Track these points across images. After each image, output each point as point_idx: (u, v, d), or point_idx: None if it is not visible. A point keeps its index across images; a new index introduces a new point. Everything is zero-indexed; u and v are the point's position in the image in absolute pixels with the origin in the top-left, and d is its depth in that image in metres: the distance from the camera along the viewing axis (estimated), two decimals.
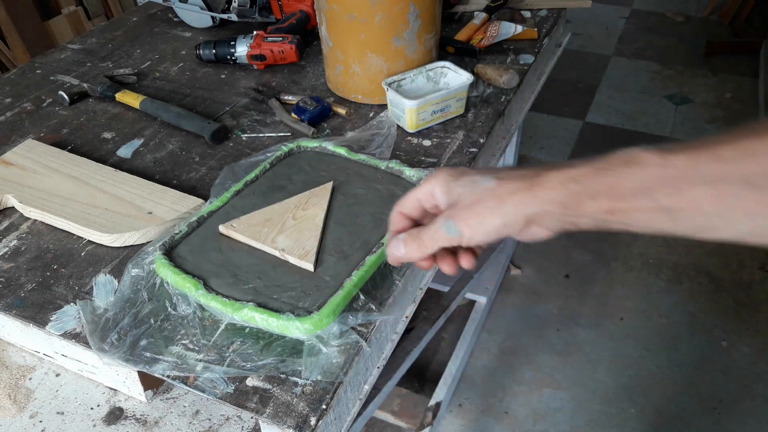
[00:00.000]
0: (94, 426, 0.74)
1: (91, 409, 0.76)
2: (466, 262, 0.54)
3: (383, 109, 1.08)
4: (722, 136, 0.43)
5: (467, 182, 0.50)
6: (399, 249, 0.54)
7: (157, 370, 0.65)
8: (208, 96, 1.16)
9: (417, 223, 0.56)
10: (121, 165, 0.97)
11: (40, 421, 0.74)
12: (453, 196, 0.51)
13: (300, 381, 0.65)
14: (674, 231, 0.45)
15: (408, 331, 1.47)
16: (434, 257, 0.54)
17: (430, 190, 0.53)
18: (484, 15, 1.31)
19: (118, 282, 0.75)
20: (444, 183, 0.52)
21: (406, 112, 0.99)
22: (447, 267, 0.55)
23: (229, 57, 1.22)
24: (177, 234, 0.77)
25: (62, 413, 0.75)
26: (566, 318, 1.93)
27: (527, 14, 1.38)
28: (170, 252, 0.75)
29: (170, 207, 0.85)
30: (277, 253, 0.74)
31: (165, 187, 0.90)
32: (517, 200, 0.47)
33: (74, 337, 0.71)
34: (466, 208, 0.49)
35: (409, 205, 0.55)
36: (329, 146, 0.92)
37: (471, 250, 0.55)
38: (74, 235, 0.84)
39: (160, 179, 0.94)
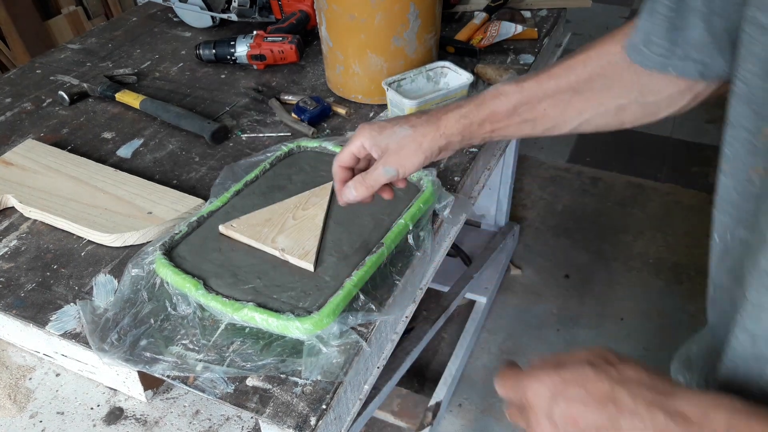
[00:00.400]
0: (94, 426, 0.74)
1: (91, 409, 0.76)
2: (388, 193, 0.70)
3: (383, 109, 1.08)
4: (558, 61, 0.64)
5: (389, 134, 0.65)
6: (351, 193, 0.67)
7: (157, 370, 0.65)
8: (208, 96, 1.16)
9: (353, 172, 0.69)
10: (121, 165, 0.97)
11: (40, 421, 0.74)
12: (381, 146, 0.66)
13: (300, 381, 0.65)
14: (535, 134, 0.66)
15: (408, 331, 1.47)
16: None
17: (359, 144, 0.66)
18: (484, 15, 1.31)
19: (118, 282, 0.75)
20: (370, 137, 0.66)
21: (406, 112, 0.99)
22: (386, 195, 0.70)
23: (229, 57, 1.22)
24: (177, 234, 0.77)
25: (62, 413, 0.75)
26: (566, 318, 1.93)
27: (527, 14, 1.38)
28: (170, 252, 0.75)
29: (170, 207, 0.85)
30: (277, 253, 0.74)
31: (165, 187, 0.90)
32: (429, 139, 0.65)
33: (74, 337, 0.71)
34: (395, 153, 0.65)
35: (346, 158, 0.68)
36: (329, 146, 0.92)
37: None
38: (74, 235, 0.84)
39: (160, 179, 0.94)
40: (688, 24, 0.53)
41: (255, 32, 1.22)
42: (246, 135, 1.04)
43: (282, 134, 1.04)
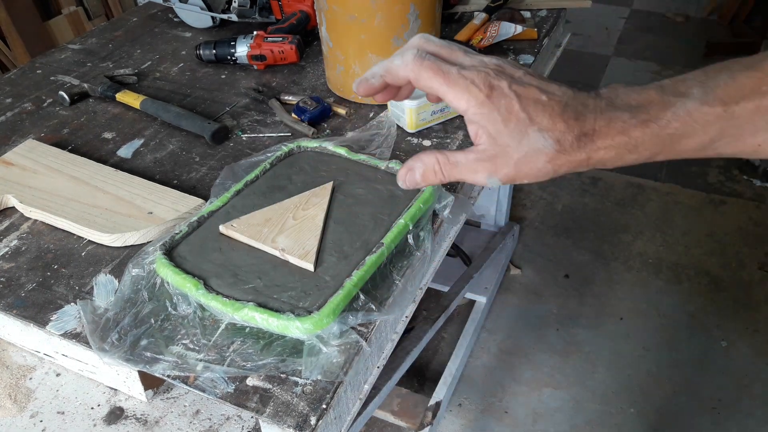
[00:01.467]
0: (95, 426, 0.74)
1: (92, 408, 0.76)
2: None
3: (383, 109, 1.08)
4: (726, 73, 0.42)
5: (518, 133, 0.44)
6: (416, 181, 0.50)
7: (158, 370, 0.66)
8: (209, 96, 1.16)
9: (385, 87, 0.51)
10: (121, 165, 0.97)
11: (41, 421, 0.74)
12: (500, 141, 0.45)
13: (300, 381, 0.65)
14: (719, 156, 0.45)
15: (408, 330, 1.47)
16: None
17: (463, 107, 0.46)
18: (483, 15, 1.31)
19: (119, 282, 0.75)
20: (487, 118, 0.45)
21: (406, 112, 0.99)
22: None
23: (229, 57, 1.23)
24: (177, 234, 0.77)
25: (63, 413, 0.75)
26: (566, 318, 1.94)
27: (527, 14, 1.38)
28: (170, 252, 0.75)
29: (170, 207, 0.85)
30: (277, 253, 0.74)
31: (165, 187, 0.90)
32: (569, 166, 0.45)
33: (74, 336, 0.71)
34: (515, 164, 0.45)
35: (413, 85, 0.50)
36: (329, 146, 0.92)
37: None
38: (74, 235, 0.84)
39: (161, 179, 0.94)
40: None
41: (255, 32, 1.22)
42: (246, 135, 1.04)
43: (282, 134, 1.04)
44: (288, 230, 0.77)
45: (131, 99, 1.11)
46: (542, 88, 0.45)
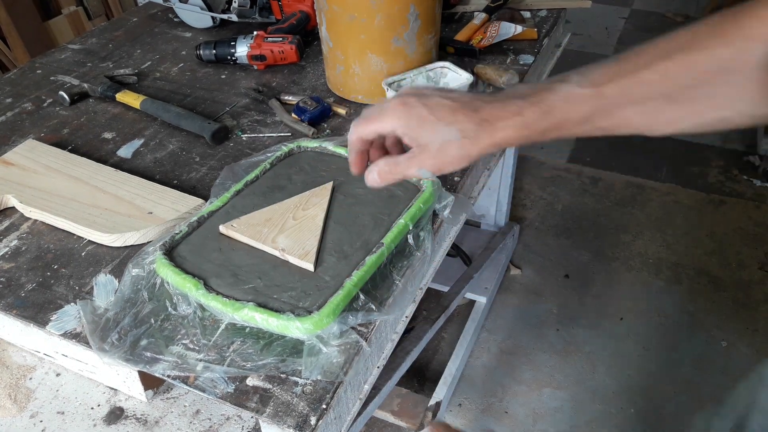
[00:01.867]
0: (95, 426, 0.74)
1: (92, 408, 0.76)
2: None
3: None
4: (638, 57, 0.52)
5: (431, 131, 0.57)
6: (375, 179, 0.63)
7: (158, 370, 0.66)
8: (209, 96, 1.16)
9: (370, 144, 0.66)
10: (121, 165, 0.97)
11: (41, 421, 0.74)
12: (419, 142, 0.58)
13: (300, 381, 0.65)
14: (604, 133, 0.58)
15: (408, 330, 1.47)
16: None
17: (392, 128, 0.59)
18: (483, 15, 1.31)
19: (119, 282, 0.75)
20: (407, 126, 0.58)
21: None
22: None
23: (229, 57, 1.23)
24: (177, 234, 0.77)
25: (62, 413, 0.75)
26: (566, 318, 1.94)
27: (527, 14, 1.38)
28: (170, 252, 0.75)
29: (170, 207, 0.85)
30: (277, 253, 0.74)
31: (165, 187, 0.90)
32: (479, 149, 0.57)
33: (74, 336, 0.71)
34: (435, 156, 0.58)
35: (370, 135, 0.63)
36: (329, 146, 0.92)
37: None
38: (74, 235, 0.84)
39: (161, 179, 0.94)
40: None
41: (255, 32, 1.22)
42: (246, 135, 1.04)
43: (282, 134, 1.04)
44: (288, 230, 0.77)
45: (131, 99, 1.11)
46: (444, 95, 0.58)
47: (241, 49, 1.21)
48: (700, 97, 0.51)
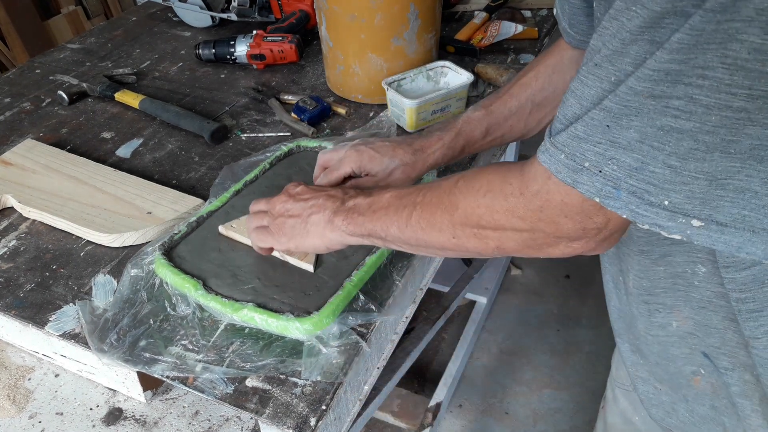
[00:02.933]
0: (94, 426, 0.74)
1: (91, 409, 0.76)
2: None
3: (383, 109, 1.08)
4: (514, 80, 0.77)
5: (379, 164, 0.75)
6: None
7: (157, 371, 0.65)
8: (208, 96, 1.16)
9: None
10: (120, 165, 0.97)
11: (40, 422, 0.74)
12: (372, 173, 0.75)
13: (300, 381, 0.65)
14: (502, 145, 0.84)
15: (408, 331, 1.47)
16: None
17: (351, 170, 0.75)
18: (484, 14, 1.31)
19: (118, 282, 0.75)
20: (359, 163, 0.75)
21: (406, 112, 0.99)
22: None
23: (228, 56, 1.22)
24: (176, 234, 0.77)
25: (61, 414, 0.75)
26: (566, 318, 1.93)
27: (527, 14, 1.38)
28: (169, 252, 0.75)
29: (169, 207, 0.85)
30: (276, 254, 0.74)
31: (164, 187, 0.90)
32: (417, 171, 0.76)
33: (73, 337, 0.71)
34: (386, 182, 0.75)
35: (337, 181, 0.76)
36: (329, 146, 0.92)
37: None
38: (73, 235, 0.84)
39: (160, 179, 0.94)
40: None
41: (255, 32, 1.22)
42: (246, 135, 1.04)
43: (282, 134, 1.04)
44: None
45: (130, 98, 1.10)
46: (384, 139, 0.77)
47: (241, 49, 1.21)
48: (552, 95, 0.74)
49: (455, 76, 1.04)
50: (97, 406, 0.76)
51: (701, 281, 0.57)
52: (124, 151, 1.01)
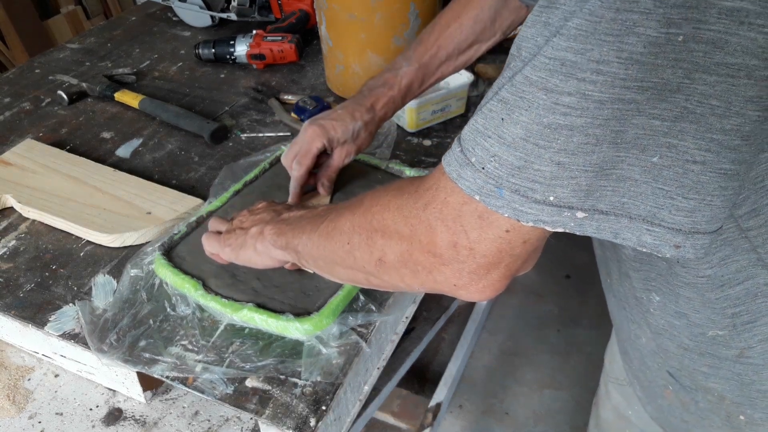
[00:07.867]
0: (93, 427, 0.74)
1: (90, 409, 0.76)
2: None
3: None
4: (438, 30, 0.82)
5: (344, 131, 0.78)
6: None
7: (156, 371, 0.65)
8: (208, 95, 1.15)
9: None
10: (120, 165, 0.97)
11: (39, 422, 0.74)
12: (340, 139, 0.79)
13: (300, 382, 0.64)
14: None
15: (408, 331, 1.47)
16: None
17: (321, 144, 0.78)
18: None
19: (117, 282, 0.75)
20: (327, 136, 0.78)
21: (406, 112, 0.99)
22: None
23: (228, 56, 1.22)
24: (176, 234, 0.76)
25: (61, 414, 0.75)
26: (567, 318, 1.93)
27: None
28: (169, 252, 0.75)
29: (169, 207, 0.85)
30: None
31: (164, 187, 0.89)
32: (374, 126, 0.82)
33: (73, 337, 0.71)
34: (352, 142, 0.80)
35: (311, 160, 0.79)
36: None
37: None
38: (73, 235, 0.84)
39: (159, 179, 0.93)
40: None
41: (254, 31, 1.21)
42: (245, 135, 1.04)
43: (281, 134, 1.04)
44: None
45: (130, 98, 1.10)
46: (337, 109, 0.80)
47: (241, 48, 1.21)
48: (477, 43, 0.85)
49: (455, 76, 1.04)
50: (97, 407, 0.76)
51: (656, 309, 0.56)
52: (123, 151, 1.01)
